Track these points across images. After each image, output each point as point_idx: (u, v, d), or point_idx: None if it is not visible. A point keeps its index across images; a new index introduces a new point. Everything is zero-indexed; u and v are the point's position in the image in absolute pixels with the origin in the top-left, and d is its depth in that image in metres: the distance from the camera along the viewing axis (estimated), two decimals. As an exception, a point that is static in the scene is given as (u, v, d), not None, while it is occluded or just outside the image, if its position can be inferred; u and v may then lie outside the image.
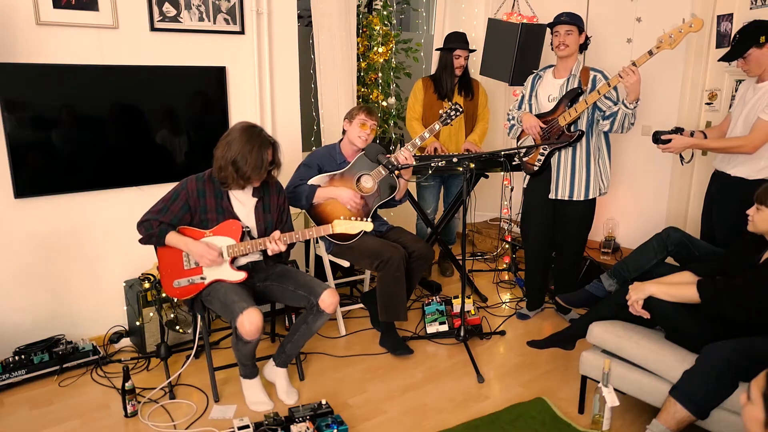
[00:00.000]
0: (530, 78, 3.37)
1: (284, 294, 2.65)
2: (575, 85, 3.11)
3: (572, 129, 3.12)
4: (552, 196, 3.26)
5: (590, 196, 3.21)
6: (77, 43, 2.94)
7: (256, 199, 2.66)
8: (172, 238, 2.51)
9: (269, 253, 2.55)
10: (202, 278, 2.57)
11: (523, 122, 3.26)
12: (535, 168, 3.28)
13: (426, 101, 3.91)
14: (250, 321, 2.36)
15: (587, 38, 3.15)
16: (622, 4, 3.98)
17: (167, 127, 3.25)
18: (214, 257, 2.49)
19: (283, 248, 2.55)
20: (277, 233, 2.55)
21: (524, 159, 3.34)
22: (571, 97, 3.09)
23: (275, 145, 2.56)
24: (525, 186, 3.49)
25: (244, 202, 2.65)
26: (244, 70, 3.48)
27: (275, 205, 2.72)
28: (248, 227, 2.64)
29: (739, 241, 2.41)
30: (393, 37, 4.48)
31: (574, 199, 3.22)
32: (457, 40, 3.83)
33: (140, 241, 2.55)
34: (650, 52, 2.81)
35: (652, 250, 2.72)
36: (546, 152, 3.22)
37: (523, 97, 3.37)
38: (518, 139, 3.43)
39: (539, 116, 3.22)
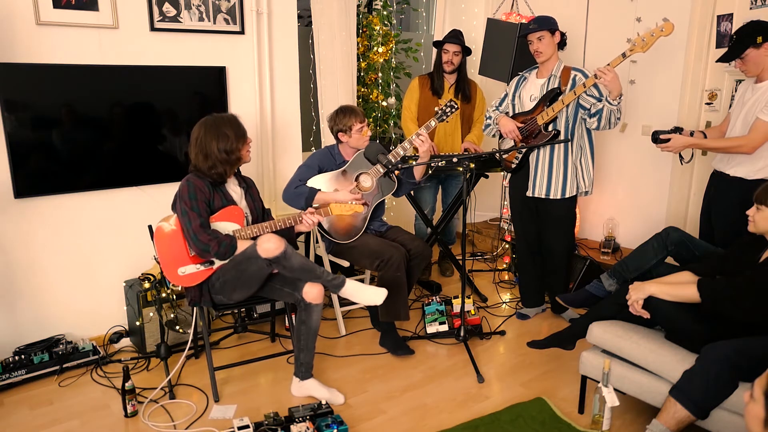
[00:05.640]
0: (515, 79, 3.39)
1: (275, 292, 2.67)
2: (555, 85, 3.13)
3: (549, 128, 3.14)
4: (529, 193, 3.28)
5: (567, 195, 3.21)
6: (77, 43, 2.94)
7: (243, 189, 2.73)
8: (242, 244, 2.53)
9: (306, 228, 2.72)
10: (210, 263, 2.56)
11: (500, 127, 3.27)
12: (513, 165, 3.31)
13: (422, 100, 3.90)
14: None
15: (563, 35, 3.16)
16: (622, 4, 3.98)
17: (167, 127, 3.25)
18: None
19: (317, 220, 2.71)
20: (311, 209, 2.72)
21: (504, 156, 3.37)
22: (550, 97, 3.11)
23: (236, 115, 2.62)
24: (507, 184, 3.49)
25: (234, 191, 2.69)
26: (244, 70, 3.48)
27: (256, 194, 2.80)
28: (248, 214, 2.68)
29: (739, 241, 2.41)
30: (393, 37, 4.48)
31: (551, 197, 3.22)
32: (447, 35, 3.84)
33: (218, 257, 2.53)
34: (623, 55, 2.84)
35: (652, 250, 2.72)
36: (524, 150, 3.24)
37: (506, 95, 3.38)
38: (500, 138, 3.45)
39: (519, 115, 3.24)
